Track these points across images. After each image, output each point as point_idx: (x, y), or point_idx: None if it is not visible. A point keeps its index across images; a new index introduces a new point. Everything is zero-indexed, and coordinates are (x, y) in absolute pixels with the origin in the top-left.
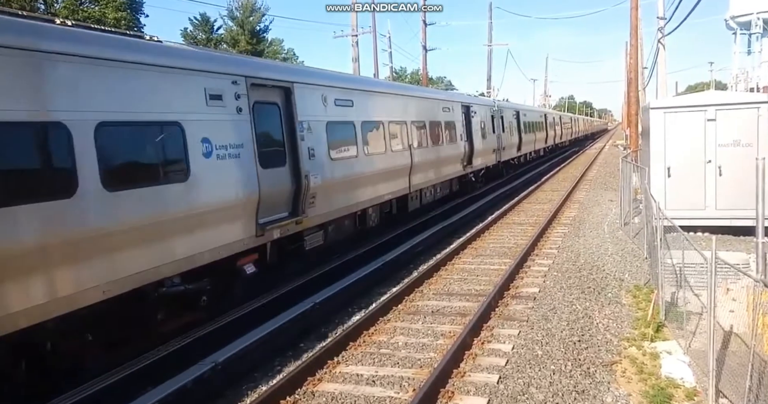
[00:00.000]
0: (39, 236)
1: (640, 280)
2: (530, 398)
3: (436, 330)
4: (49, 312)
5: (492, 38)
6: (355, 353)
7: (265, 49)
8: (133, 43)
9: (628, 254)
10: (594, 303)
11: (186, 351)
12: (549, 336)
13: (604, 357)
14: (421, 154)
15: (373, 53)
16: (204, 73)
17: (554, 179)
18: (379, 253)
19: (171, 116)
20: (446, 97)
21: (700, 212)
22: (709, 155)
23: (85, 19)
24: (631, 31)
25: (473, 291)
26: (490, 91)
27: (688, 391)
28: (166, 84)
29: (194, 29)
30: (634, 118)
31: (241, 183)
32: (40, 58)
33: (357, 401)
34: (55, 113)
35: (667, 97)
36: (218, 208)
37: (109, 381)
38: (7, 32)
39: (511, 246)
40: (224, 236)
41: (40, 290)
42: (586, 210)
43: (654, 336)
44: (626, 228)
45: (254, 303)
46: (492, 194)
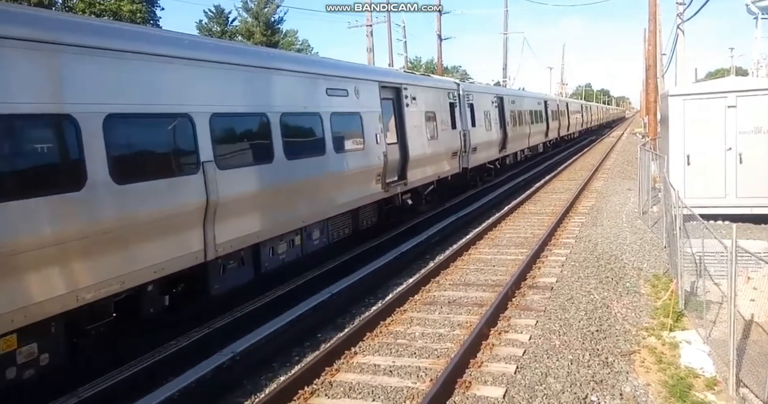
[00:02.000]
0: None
1: (659, 269)
2: (548, 388)
3: (453, 321)
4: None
5: (507, 26)
6: (372, 343)
7: (280, 40)
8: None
9: (647, 244)
10: (612, 292)
11: (205, 341)
12: (566, 326)
13: (622, 346)
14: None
15: (388, 43)
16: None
17: (571, 168)
18: (395, 244)
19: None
20: (336, 72)
21: (720, 200)
22: (729, 143)
23: (101, 12)
24: (650, 17)
25: (490, 281)
26: (506, 80)
27: (708, 381)
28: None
29: (209, 21)
30: (652, 105)
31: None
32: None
33: (375, 391)
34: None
35: (687, 84)
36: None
37: (131, 371)
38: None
39: (527, 236)
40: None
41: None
42: (603, 199)
43: (673, 325)
44: (645, 217)
45: (271, 294)
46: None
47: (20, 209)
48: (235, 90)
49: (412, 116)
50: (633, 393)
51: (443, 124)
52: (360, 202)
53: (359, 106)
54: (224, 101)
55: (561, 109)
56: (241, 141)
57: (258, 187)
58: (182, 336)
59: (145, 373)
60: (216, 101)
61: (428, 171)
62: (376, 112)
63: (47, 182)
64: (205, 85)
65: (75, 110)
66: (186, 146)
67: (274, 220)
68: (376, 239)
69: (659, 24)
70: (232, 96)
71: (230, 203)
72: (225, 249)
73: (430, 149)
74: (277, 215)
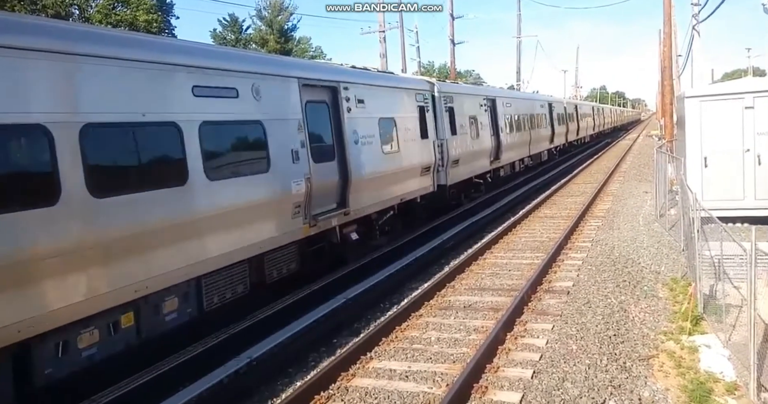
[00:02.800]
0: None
1: (677, 273)
2: (565, 393)
3: (469, 325)
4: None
5: (521, 30)
6: (387, 348)
7: (294, 47)
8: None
9: (664, 247)
10: (629, 296)
11: (222, 346)
12: (584, 331)
13: (640, 351)
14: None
15: (401, 48)
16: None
17: (587, 171)
18: (411, 248)
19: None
20: (215, 63)
21: (739, 202)
22: (747, 144)
23: (117, 22)
24: (665, 18)
25: (505, 286)
26: (520, 84)
27: (729, 385)
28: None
29: (223, 30)
30: (668, 107)
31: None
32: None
33: (391, 396)
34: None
35: (703, 86)
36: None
37: (147, 377)
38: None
39: (543, 240)
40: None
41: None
42: (620, 202)
43: (692, 329)
44: (662, 220)
45: (288, 299)
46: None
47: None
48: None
49: (356, 124)
50: (652, 398)
51: (408, 132)
52: (261, 247)
53: (259, 111)
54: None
55: (569, 112)
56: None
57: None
58: (198, 342)
59: (162, 379)
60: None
61: (385, 194)
62: (292, 120)
63: (19, 196)
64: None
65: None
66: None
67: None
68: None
69: (674, 25)
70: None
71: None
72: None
73: (386, 165)
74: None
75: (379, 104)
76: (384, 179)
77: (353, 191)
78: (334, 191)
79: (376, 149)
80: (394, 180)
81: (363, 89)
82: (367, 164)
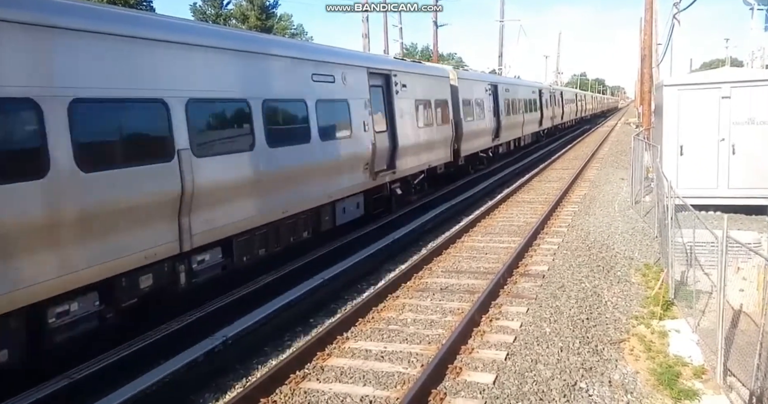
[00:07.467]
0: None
1: (650, 259)
2: (538, 374)
3: (445, 307)
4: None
5: (504, 14)
6: (364, 329)
7: (275, 24)
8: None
9: (639, 233)
10: (603, 281)
11: (196, 325)
12: (557, 314)
13: (612, 334)
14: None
15: (383, 29)
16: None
17: (564, 157)
18: (392, 228)
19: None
20: (323, 57)
21: (713, 190)
22: (722, 133)
23: None
24: (646, 5)
25: (482, 269)
26: (502, 69)
27: (696, 369)
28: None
29: (203, 4)
30: (647, 95)
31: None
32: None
33: (366, 375)
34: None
35: (682, 75)
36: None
37: (122, 353)
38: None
39: (520, 224)
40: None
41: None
42: (596, 188)
43: (663, 314)
44: (637, 207)
45: (264, 278)
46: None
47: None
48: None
49: (401, 104)
50: (622, 380)
51: (435, 112)
52: (344, 192)
53: (346, 93)
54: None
55: (556, 98)
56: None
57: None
58: (174, 320)
59: (137, 356)
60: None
61: (419, 160)
62: (364, 99)
63: (6, 170)
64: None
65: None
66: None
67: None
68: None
69: (656, 13)
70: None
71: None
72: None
73: (421, 136)
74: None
75: (416, 88)
76: (419, 148)
77: (399, 156)
78: (386, 155)
79: (413, 124)
80: (425, 149)
81: (405, 76)
82: (408, 136)
